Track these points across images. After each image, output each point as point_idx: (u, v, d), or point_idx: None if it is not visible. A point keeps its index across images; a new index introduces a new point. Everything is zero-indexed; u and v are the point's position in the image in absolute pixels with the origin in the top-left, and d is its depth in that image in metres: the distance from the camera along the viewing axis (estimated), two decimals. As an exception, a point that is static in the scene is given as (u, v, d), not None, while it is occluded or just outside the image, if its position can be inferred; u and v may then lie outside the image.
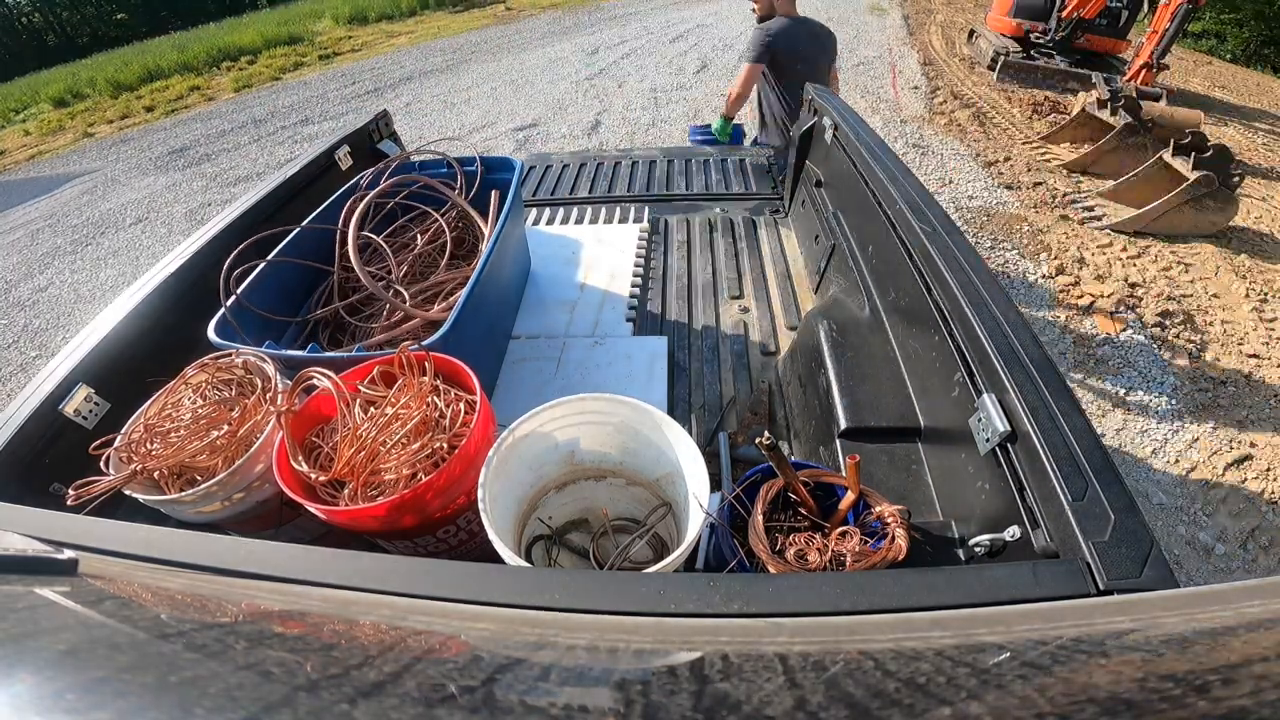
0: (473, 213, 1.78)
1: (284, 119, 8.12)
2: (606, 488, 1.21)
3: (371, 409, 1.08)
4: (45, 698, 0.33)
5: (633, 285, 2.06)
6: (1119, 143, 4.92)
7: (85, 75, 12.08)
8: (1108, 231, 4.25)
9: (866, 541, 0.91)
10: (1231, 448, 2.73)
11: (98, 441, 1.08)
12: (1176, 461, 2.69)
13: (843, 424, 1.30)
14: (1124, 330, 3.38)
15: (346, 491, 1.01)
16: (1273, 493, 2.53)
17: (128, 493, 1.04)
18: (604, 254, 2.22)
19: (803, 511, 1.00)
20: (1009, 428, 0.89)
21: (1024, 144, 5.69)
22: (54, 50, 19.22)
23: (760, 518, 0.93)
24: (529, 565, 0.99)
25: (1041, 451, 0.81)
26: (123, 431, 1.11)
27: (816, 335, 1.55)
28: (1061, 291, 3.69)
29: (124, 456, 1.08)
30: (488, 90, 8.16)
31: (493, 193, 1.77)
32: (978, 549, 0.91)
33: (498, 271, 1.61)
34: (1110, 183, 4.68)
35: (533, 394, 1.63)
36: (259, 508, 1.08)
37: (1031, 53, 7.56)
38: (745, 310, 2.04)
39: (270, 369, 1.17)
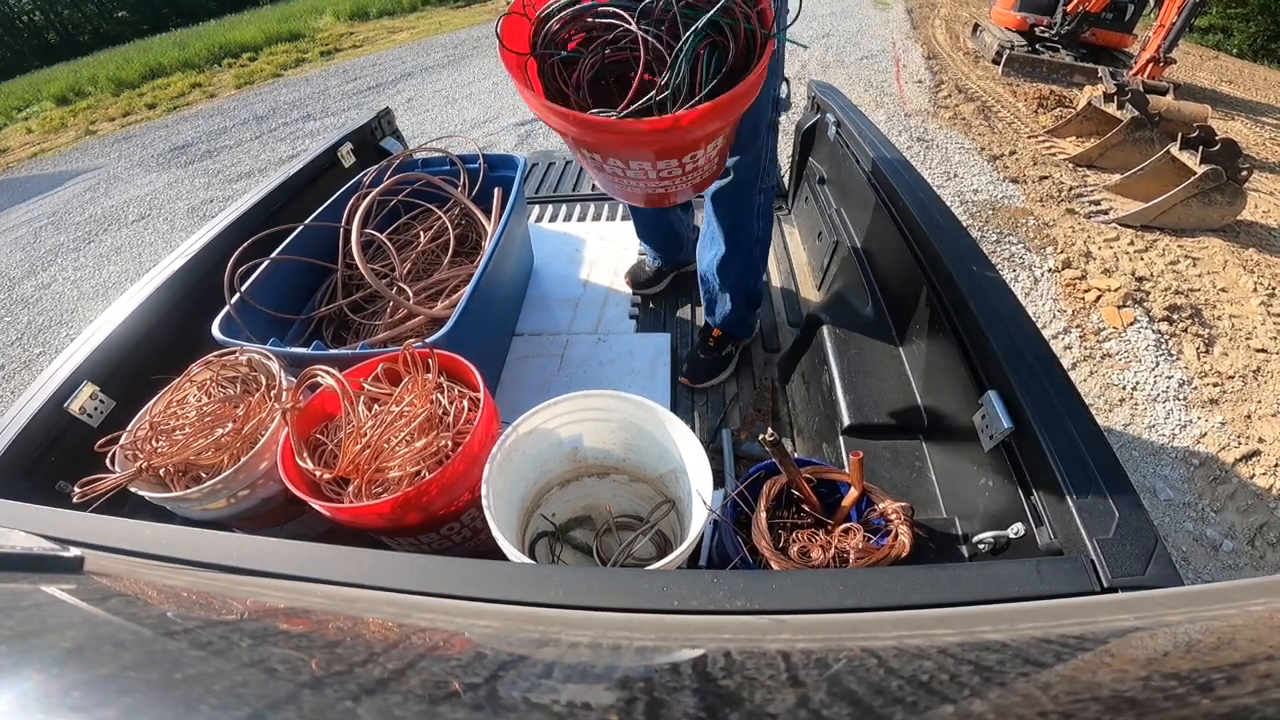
0: (475, 210, 1.78)
1: (285, 115, 8.10)
2: (610, 485, 1.21)
3: (375, 406, 1.08)
4: (51, 695, 0.33)
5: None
6: (1126, 136, 4.88)
7: (87, 73, 12.06)
8: (1114, 225, 4.22)
9: (870, 538, 0.91)
10: (1239, 443, 2.72)
11: (103, 439, 1.08)
12: (1183, 457, 2.67)
13: (846, 421, 1.30)
14: (1131, 324, 3.36)
15: (351, 489, 1.01)
16: (1281, 488, 2.51)
17: (133, 490, 1.05)
18: (607, 251, 2.22)
19: (806, 508, 1.00)
20: (1013, 424, 0.89)
21: (1029, 138, 5.64)
22: (55, 48, 19.19)
23: (763, 514, 0.93)
24: (532, 562, 0.99)
25: (1046, 448, 0.81)
26: (128, 429, 1.11)
27: (820, 332, 1.55)
28: (1068, 285, 3.67)
29: (129, 454, 1.08)
30: (489, 85, 8.10)
31: (495, 190, 1.77)
32: (981, 546, 0.91)
33: (501, 269, 1.61)
34: (1117, 176, 4.65)
35: (536, 391, 1.64)
36: (264, 505, 1.09)
37: (1037, 47, 7.49)
38: (748, 306, 2.03)
39: (275, 366, 1.17)
